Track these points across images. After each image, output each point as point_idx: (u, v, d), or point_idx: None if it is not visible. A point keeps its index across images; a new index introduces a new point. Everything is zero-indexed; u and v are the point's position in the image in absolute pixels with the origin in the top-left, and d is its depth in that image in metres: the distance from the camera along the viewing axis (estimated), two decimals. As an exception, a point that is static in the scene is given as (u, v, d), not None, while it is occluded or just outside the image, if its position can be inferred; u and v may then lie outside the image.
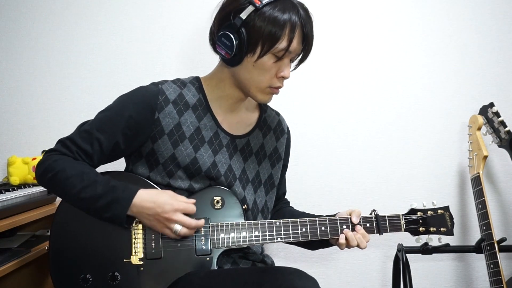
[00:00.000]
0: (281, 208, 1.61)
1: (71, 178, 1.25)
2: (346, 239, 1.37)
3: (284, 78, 1.34)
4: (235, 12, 1.28)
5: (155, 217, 1.26)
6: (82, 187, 1.25)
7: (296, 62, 1.39)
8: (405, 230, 1.44)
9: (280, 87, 1.36)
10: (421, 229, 1.45)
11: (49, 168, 1.28)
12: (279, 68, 1.32)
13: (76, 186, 1.25)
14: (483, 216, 1.78)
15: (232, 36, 1.27)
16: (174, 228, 1.26)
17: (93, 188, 1.25)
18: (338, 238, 1.38)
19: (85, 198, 1.25)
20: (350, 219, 1.39)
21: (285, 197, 1.67)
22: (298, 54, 1.35)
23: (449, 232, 1.46)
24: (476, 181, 1.83)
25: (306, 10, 1.32)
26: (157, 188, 1.35)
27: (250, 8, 1.26)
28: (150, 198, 1.26)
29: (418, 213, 1.46)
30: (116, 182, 1.28)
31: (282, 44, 1.28)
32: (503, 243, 1.76)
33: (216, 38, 1.31)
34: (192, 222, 1.27)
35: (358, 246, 1.37)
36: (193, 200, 1.31)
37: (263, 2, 1.26)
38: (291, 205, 1.66)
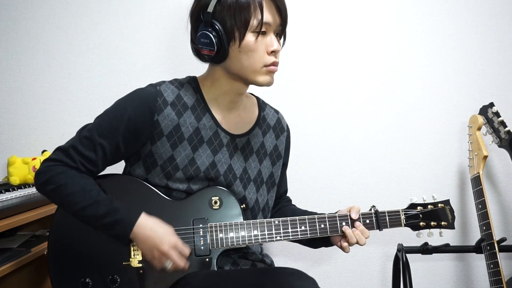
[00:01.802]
0: (282, 207, 1.60)
1: (73, 195, 1.25)
2: (345, 236, 1.36)
3: (275, 52, 1.33)
4: (203, 11, 1.29)
5: (152, 247, 1.25)
6: (83, 206, 1.25)
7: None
8: (405, 225, 1.43)
9: (275, 62, 1.34)
10: (421, 223, 1.43)
11: (51, 181, 1.27)
12: (266, 44, 1.32)
13: (77, 204, 1.25)
14: (483, 216, 1.78)
15: (208, 32, 1.28)
16: (165, 265, 1.26)
17: (95, 208, 1.25)
18: (339, 240, 1.38)
19: (86, 216, 1.26)
20: (349, 215, 1.38)
21: (287, 195, 1.66)
22: (280, 25, 1.34)
23: (450, 226, 1.44)
24: (476, 181, 1.83)
25: None
26: (155, 190, 1.35)
27: (214, 1, 1.27)
28: (151, 226, 1.26)
29: (418, 207, 1.45)
30: (118, 204, 1.27)
31: (255, 19, 1.28)
32: (503, 243, 1.76)
33: (196, 41, 1.32)
34: (182, 263, 1.26)
35: (357, 242, 1.36)
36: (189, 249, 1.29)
37: None
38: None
